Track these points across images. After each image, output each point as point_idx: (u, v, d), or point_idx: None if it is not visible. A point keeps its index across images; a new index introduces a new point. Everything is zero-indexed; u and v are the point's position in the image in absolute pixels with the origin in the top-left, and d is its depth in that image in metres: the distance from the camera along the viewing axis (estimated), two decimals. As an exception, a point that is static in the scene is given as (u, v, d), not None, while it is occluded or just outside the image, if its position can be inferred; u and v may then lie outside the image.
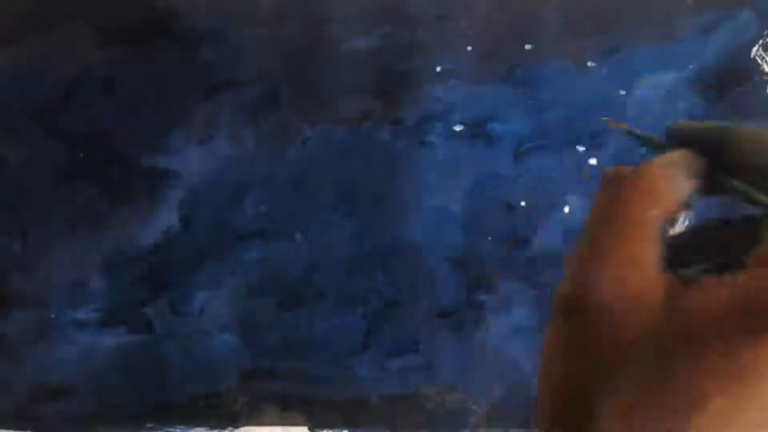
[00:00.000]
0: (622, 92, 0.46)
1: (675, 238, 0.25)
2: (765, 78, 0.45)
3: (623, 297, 0.21)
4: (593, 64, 0.46)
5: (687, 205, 0.24)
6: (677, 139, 0.26)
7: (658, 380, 0.20)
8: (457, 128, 0.46)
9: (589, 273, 0.22)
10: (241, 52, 0.46)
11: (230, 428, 0.48)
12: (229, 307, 0.47)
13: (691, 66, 0.46)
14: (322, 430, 0.48)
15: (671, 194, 0.23)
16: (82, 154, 0.46)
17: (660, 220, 0.22)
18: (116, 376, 0.47)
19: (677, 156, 0.24)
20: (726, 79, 0.46)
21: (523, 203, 0.46)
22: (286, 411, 0.48)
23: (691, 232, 0.26)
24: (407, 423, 0.48)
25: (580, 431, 0.21)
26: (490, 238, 0.47)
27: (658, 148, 0.27)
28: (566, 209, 0.46)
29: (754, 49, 0.45)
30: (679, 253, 0.24)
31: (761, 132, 0.25)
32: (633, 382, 0.20)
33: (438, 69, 0.46)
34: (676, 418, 0.20)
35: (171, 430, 0.48)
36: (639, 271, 0.22)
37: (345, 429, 0.48)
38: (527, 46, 0.46)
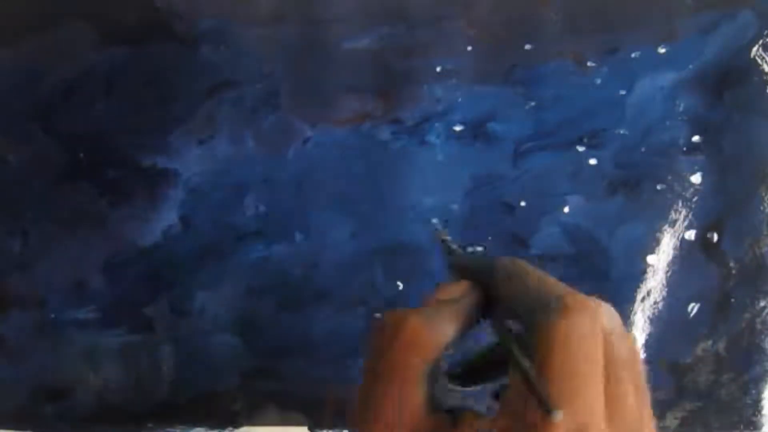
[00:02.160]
0: (622, 92, 0.46)
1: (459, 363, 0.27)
2: (765, 78, 0.45)
3: None
4: (593, 64, 0.46)
5: (452, 346, 0.26)
6: (456, 271, 0.28)
7: None
8: (457, 128, 0.46)
9: (367, 419, 0.25)
10: (241, 52, 0.46)
11: (230, 428, 0.48)
12: (229, 307, 0.47)
13: (691, 66, 0.46)
14: (322, 430, 0.48)
15: (432, 342, 0.25)
16: (82, 154, 0.46)
17: (423, 364, 0.25)
18: (116, 376, 0.47)
19: (448, 298, 0.27)
20: (726, 79, 0.46)
21: (523, 203, 0.46)
22: (286, 411, 0.48)
23: (473, 356, 0.28)
24: (407, 423, 0.47)
25: None
26: (490, 238, 0.47)
27: (450, 258, 0.29)
28: (566, 209, 0.46)
29: (754, 49, 0.45)
30: (462, 376, 0.27)
31: (514, 271, 0.27)
32: None
33: (438, 69, 0.46)
34: None
35: (171, 430, 0.48)
36: (405, 414, 0.24)
37: (345, 429, 0.48)
38: (527, 46, 0.46)
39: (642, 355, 0.47)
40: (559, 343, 0.23)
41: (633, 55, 0.46)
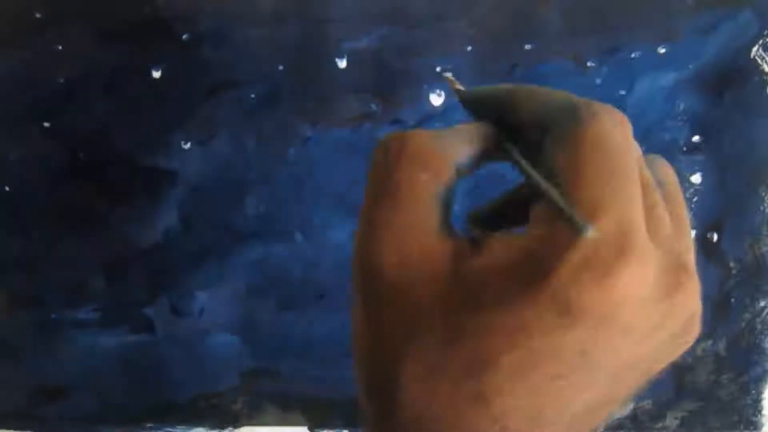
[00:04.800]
0: (622, 92, 0.46)
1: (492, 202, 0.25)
2: (765, 78, 0.45)
3: (405, 264, 0.21)
4: (593, 64, 0.46)
5: (467, 170, 0.23)
6: (471, 105, 0.26)
7: (450, 342, 0.20)
8: (457, 128, 0.46)
9: (370, 243, 0.22)
10: (241, 52, 0.46)
11: (230, 428, 0.48)
12: (229, 307, 0.47)
13: (691, 66, 0.46)
14: (322, 430, 0.48)
15: (441, 157, 0.22)
16: (82, 154, 0.46)
17: (434, 184, 0.22)
18: (116, 376, 0.47)
19: (460, 125, 0.24)
20: (726, 79, 0.46)
21: (523, 203, 0.46)
22: (286, 411, 0.48)
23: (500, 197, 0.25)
24: (407, 423, 0.47)
25: (391, 404, 0.21)
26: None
27: (461, 94, 0.26)
28: (566, 209, 0.46)
29: (754, 49, 0.45)
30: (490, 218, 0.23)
31: (535, 89, 0.24)
32: (427, 347, 0.20)
33: (438, 69, 0.46)
34: (471, 378, 0.20)
35: (171, 430, 0.48)
36: (416, 237, 0.21)
37: (345, 429, 0.48)
38: (527, 46, 0.46)
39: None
40: (592, 147, 0.21)
41: (633, 55, 0.46)
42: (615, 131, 0.21)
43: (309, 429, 0.48)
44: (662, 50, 0.45)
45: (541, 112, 0.23)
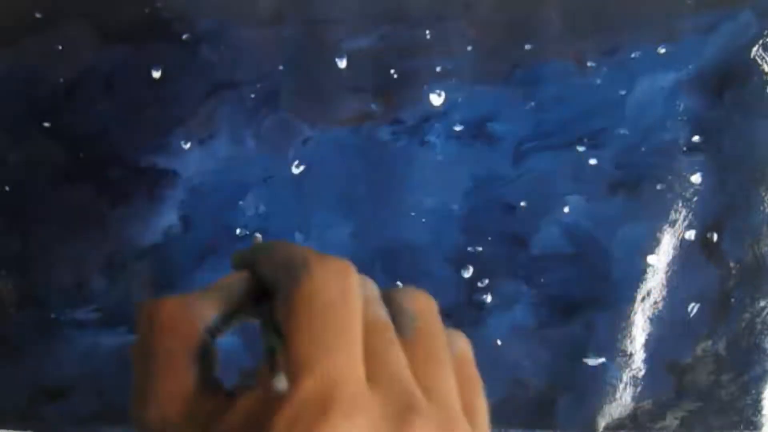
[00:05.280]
0: (622, 92, 0.46)
1: None
2: (765, 78, 0.46)
3: (168, 424, 0.23)
4: (593, 64, 0.46)
5: (221, 327, 0.25)
6: (236, 267, 0.27)
7: None
8: (457, 128, 0.46)
9: (138, 410, 0.24)
10: (241, 52, 0.46)
11: (230, 428, 0.48)
12: (229, 307, 0.47)
13: (691, 66, 0.46)
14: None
15: (189, 324, 0.24)
16: (82, 154, 0.46)
17: (185, 349, 0.24)
18: (116, 376, 0.47)
19: (221, 280, 0.25)
20: (726, 79, 0.46)
21: (523, 203, 0.46)
22: (286, 411, 0.48)
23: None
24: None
25: None
26: (490, 238, 0.47)
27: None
28: (566, 209, 0.46)
29: (754, 49, 0.45)
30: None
31: (277, 247, 0.25)
32: None
33: (438, 69, 0.46)
34: None
35: (171, 430, 0.48)
36: (174, 401, 0.23)
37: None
38: (527, 46, 0.46)
39: (642, 355, 0.47)
40: (303, 306, 0.22)
41: (633, 55, 0.46)
42: (329, 286, 0.22)
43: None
44: (662, 50, 0.45)
45: (272, 273, 0.24)
